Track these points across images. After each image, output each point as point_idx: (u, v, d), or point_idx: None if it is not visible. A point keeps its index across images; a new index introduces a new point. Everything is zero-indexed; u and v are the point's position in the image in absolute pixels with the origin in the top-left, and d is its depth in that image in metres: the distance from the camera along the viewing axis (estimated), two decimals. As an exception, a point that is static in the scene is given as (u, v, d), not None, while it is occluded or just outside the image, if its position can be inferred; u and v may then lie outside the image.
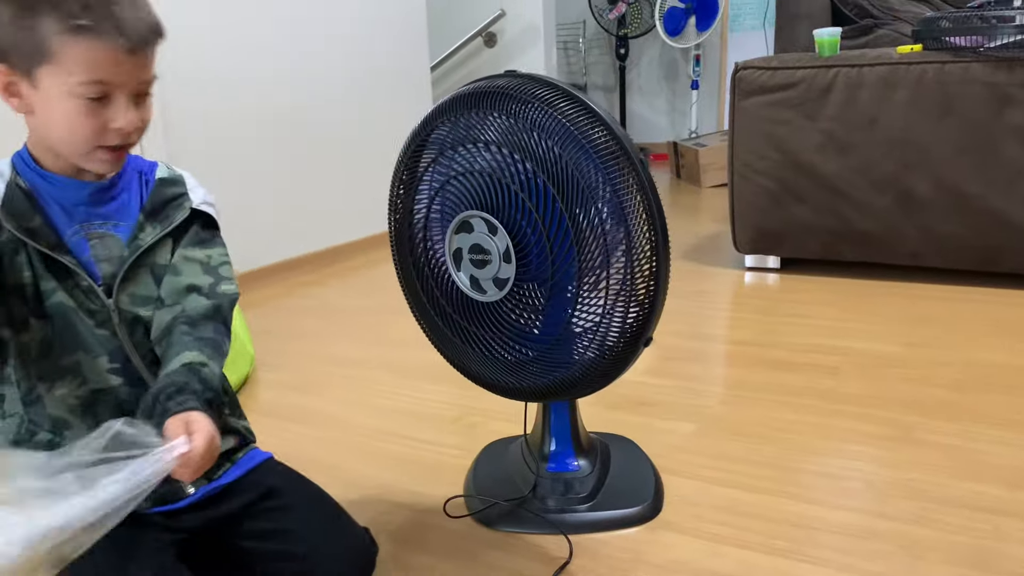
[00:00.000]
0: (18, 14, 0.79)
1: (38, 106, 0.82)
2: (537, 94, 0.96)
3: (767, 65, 2.38)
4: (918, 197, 2.22)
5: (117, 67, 0.80)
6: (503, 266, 1.01)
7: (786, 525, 1.12)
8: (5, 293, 0.85)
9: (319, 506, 1.00)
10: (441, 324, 1.13)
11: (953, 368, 1.66)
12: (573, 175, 0.95)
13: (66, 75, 0.79)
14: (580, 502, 1.15)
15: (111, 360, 0.90)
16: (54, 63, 0.79)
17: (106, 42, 0.79)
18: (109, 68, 0.80)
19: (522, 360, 1.07)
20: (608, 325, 0.99)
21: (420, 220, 1.10)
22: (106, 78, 0.80)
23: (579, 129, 0.94)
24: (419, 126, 1.09)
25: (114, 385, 0.90)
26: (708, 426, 1.45)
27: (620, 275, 0.96)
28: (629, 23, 5.08)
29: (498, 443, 1.36)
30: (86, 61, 0.79)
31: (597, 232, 0.96)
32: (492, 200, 1.01)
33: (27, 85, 0.82)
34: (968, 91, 2.11)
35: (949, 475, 1.23)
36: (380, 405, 1.61)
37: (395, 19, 3.24)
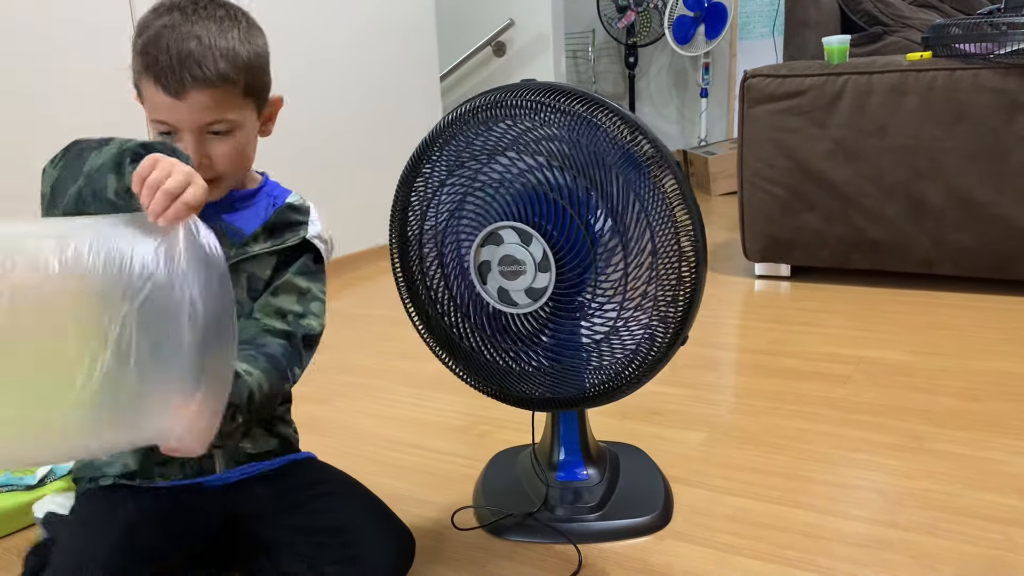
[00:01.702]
0: (136, 52, 0.91)
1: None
2: (571, 107, 0.96)
3: (776, 73, 2.38)
4: (929, 205, 2.21)
5: (168, 111, 0.88)
6: (538, 275, 1.01)
7: (797, 535, 1.11)
8: None
9: (363, 494, 1.05)
10: (468, 343, 1.12)
11: (965, 377, 1.65)
12: (620, 184, 0.96)
13: (149, 111, 0.91)
14: (589, 511, 1.15)
15: None
16: (144, 98, 0.91)
17: (157, 87, 0.87)
18: (163, 111, 0.89)
19: (553, 369, 1.07)
20: (654, 328, 1.01)
21: (435, 234, 1.09)
22: (163, 119, 0.89)
23: (622, 138, 0.95)
24: (428, 139, 1.09)
25: None
26: (718, 435, 1.44)
27: (665, 280, 0.98)
28: (638, 32, 5.09)
29: (507, 452, 1.36)
30: (150, 101, 0.90)
31: (643, 241, 0.97)
32: (524, 211, 1.01)
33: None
34: (978, 98, 2.10)
35: (962, 485, 1.22)
36: (390, 415, 1.61)
37: (404, 29, 3.25)
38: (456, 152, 1.06)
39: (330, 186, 2.93)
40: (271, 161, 3.11)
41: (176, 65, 0.86)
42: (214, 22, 0.90)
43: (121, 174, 0.74)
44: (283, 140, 2.66)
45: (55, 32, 2.02)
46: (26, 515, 1.20)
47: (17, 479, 1.23)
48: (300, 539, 1.00)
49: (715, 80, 5.01)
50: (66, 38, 2.04)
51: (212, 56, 0.88)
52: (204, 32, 0.89)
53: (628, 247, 0.98)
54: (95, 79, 2.11)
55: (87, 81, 2.09)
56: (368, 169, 3.07)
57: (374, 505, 1.03)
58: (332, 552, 0.97)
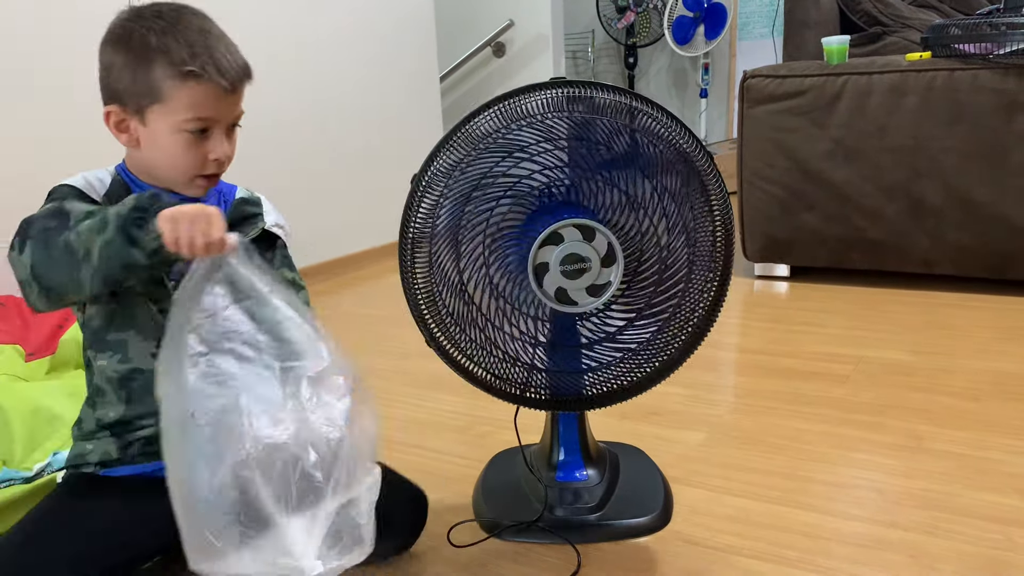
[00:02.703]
0: (133, 62, 0.91)
1: (145, 141, 0.94)
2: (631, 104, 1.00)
3: (775, 73, 2.38)
4: (928, 205, 2.21)
5: (217, 105, 0.93)
6: (602, 271, 1.00)
7: (797, 535, 1.11)
8: None
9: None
10: (513, 347, 1.10)
11: (964, 376, 1.65)
12: (679, 182, 1.00)
13: (173, 113, 0.92)
14: (589, 512, 1.15)
15: (158, 346, 0.92)
16: (163, 103, 0.91)
17: (209, 84, 0.91)
18: (211, 106, 0.93)
19: (608, 362, 1.09)
20: (695, 323, 1.08)
21: (484, 231, 1.03)
22: (207, 115, 0.93)
23: (679, 136, 0.99)
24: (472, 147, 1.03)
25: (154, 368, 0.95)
26: (718, 435, 1.44)
27: (707, 275, 1.05)
28: (638, 32, 5.09)
29: (507, 453, 1.36)
30: (192, 101, 0.91)
31: (692, 238, 1.03)
32: (580, 206, 1.02)
33: (137, 122, 0.93)
34: (978, 98, 2.11)
35: (961, 485, 1.22)
36: (391, 415, 1.61)
37: (404, 30, 3.25)
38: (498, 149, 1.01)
39: (330, 186, 2.93)
40: (271, 163, 3.12)
41: (231, 60, 0.93)
42: (199, 21, 0.95)
43: (139, 244, 0.80)
44: (283, 142, 2.67)
45: (53, 31, 2.02)
46: (26, 509, 1.20)
47: (15, 472, 1.23)
48: None
49: (715, 80, 5.01)
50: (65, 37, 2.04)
51: (238, 51, 0.96)
52: (213, 29, 0.95)
53: (692, 243, 1.04)
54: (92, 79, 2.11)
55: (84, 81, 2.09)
56: (367, 170, 3.07)
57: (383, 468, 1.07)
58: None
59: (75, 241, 0.82)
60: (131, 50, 0.92)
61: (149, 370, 0.94)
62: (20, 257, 0.85)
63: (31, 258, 0.84)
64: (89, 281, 0.83)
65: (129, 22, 0.93)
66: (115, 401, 0.99)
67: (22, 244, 0.85)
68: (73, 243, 0.82)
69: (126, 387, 0.98)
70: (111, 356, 0.98)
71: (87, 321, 0.99)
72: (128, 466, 1.00)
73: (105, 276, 0.83)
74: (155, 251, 0.80)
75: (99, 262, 0.81)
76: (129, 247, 0.80)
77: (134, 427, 0.99)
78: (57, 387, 1.45)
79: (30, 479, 1.22)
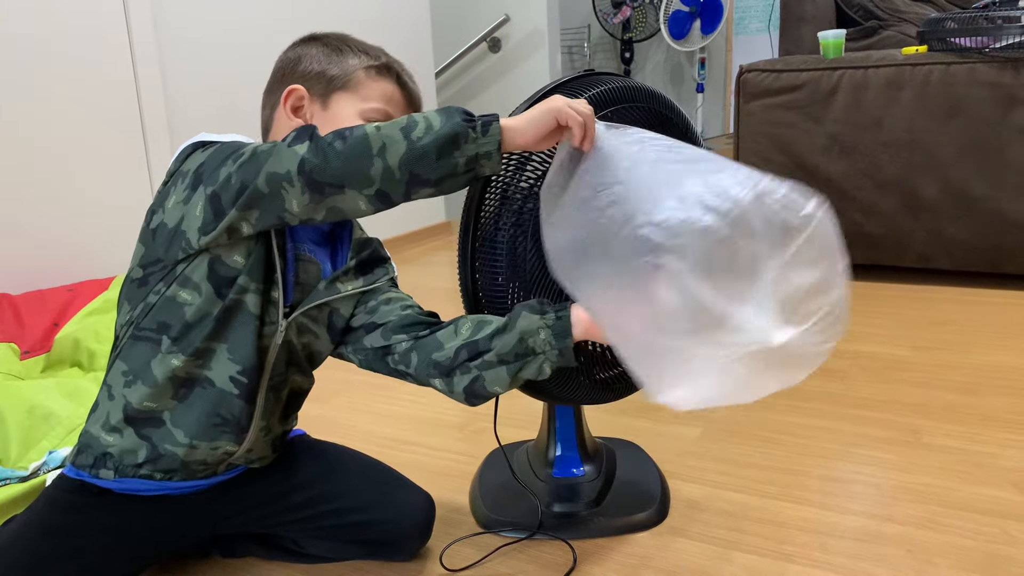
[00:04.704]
0: (329, 51, 1.00)
1: (320, 127, 0.90)
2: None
3: (772, 68, 2.38)
4: (925, 199, 2.21)
5: (397, 107, 1.01)
6: None
7: (794, 530, 1.11)
8: (231, 246, 0.89)
9: (370, 465, 1.10)
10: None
11: (962, 371, 1.65)
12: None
13: (362, 101, 0.98)
14: (586, 508, 1.15)
15: (242, 373, 0.92)
16: (353, 91, 0.98)
17: (398, 86, 1.01)
18: (395, 105, 1.01)
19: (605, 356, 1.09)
20: None
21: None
22: (391, 111, 1.00)
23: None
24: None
25: (226, 391, 0.92)
26: (715, 430, 1.44)
27: None
28: (634, 27, 5.09)
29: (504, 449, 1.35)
30: (382, 93, 1.00)
31: None
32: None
33: (318, 107, 0.99)
34: (974, 92, 2.11)
35: (958, 479, 1.22)
36: (387, 412, 1.61)
37: (399, 25, 3.24)
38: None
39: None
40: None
41: (409, 73, 1.04)
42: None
43: (469, 141, 0.81)
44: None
45: (52, 47, 2.01)
46: (22, 508, 1.19)
47: (11, 472, 1.23)
48: (310, 525, 1.04)
49: (711, 75, 5.01)
50: (63, 51, 2.03)
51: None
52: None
53: None
54: (91, 79, 2.11)
55: (80, 79, 2.09)
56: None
57: (382, 474, 1.09)
58: (352, 531, 1.03)
59: (373, 135, 0.80)
60: (327, 44, 1.00)
61: (220, 389, 0.92)
62: (288, 149, 0.81)
63: (306, 150, 0.80)
64: (380, 177, 0.80)
65: (314, 34, 1.03)
66: (164, 396, 0.92)
67: (296, 139, 0.82)
68: (372, 137, 0.80)
69: (188, 389, 0.92)
70: (191, 358, 0.91)
71: (179, 304, 0.90)
72: (146, 481, 0.96)
73: (410, 175, 0.80)
74: (486, 154, 0.82)
75: (402, 161, 0.79)
76: (454, 145, 0.80)
77: (167, 437, 0.93)
78: (52, 385, 1.45)
79: (26, 478, 1.22)
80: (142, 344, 0.91)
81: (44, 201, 2.02)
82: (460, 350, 0.92)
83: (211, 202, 0.84)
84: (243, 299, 0.90)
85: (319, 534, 1.05)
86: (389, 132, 0.80)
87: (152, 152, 2.27)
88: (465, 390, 0.94)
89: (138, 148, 2.24)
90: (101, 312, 1.82)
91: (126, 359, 0.92)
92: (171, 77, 2.31)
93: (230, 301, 0.90)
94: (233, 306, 0.90)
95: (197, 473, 0.97)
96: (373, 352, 1.00)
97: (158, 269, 0.91)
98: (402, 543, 1.06)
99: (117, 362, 0.93)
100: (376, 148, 0.79)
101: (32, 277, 1.96)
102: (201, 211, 0.85)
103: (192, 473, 0.97)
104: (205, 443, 0.93)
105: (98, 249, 2.11)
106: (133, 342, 0.92)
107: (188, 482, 0.98)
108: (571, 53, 5.39)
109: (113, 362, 0.94)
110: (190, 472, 0.97)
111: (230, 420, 0.93)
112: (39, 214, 2.01)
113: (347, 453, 1.12)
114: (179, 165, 0.90)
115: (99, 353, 1.65)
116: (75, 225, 2.09)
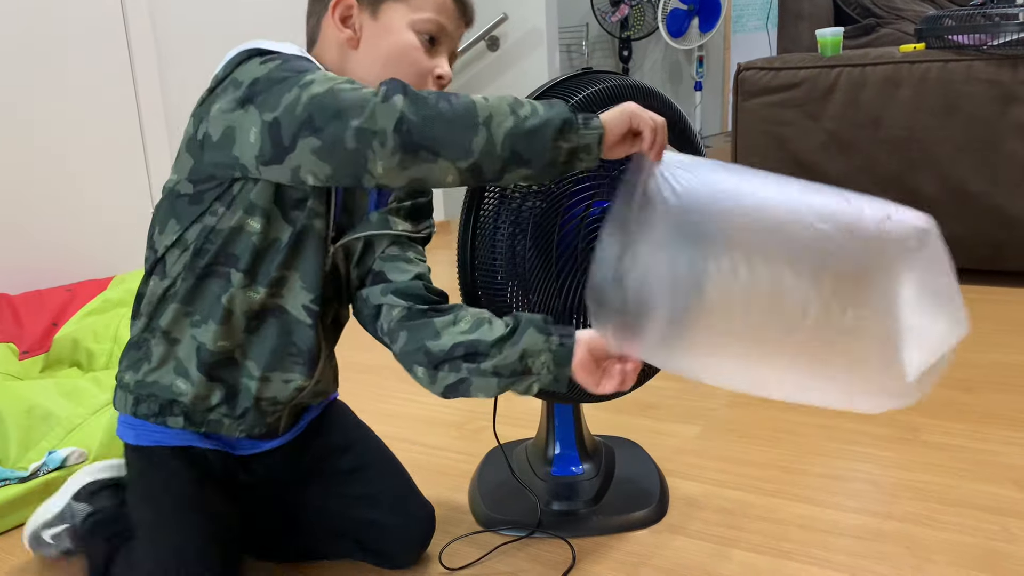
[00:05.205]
0: None
1: (368, 38, 0.92)
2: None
3: (770, 66, 2.38)
4: (923, 196, 2.21)
5: (452, 20, 0.95)
6: None
7: (793, 527, 1.11)
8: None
9: (388, 461, 1.10)
10: None
11: (960, 368, 1.65)
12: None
13: (413, 11, 0.92)
14: (585, 506, 1.15)
15: (313, 301, 0.91)
16: (404, 1, 0.92)
17: (456, 5, 0.95)
18: (449, 17, 0.94)
19: None
20: None
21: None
22: (444, 23, 0.93)
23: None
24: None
25: (300, 320, 0.91)
26: (713, 428, 1.44)
27: None
28: (632, 25, 5.08)
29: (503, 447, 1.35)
30: (437, 4, 0.93)
31: None
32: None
33: (367, 16, 0.92)
34: (972, 89, 2.11)
35: (957, 476, 1.23)
36: (385, 410, 1.61)
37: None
38: None
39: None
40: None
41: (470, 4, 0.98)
42: None
43: (574, 131, 0.77)
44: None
45: (51, 48, 2.01)
46: (22, 509, 1.19)
47: (10, 472, 1.23)
48: (326, 512, 1.04)
49: (709, 73, 5.01)
50: (62, 51, 2.03)
51: None
52: None
53: None
54: (89, 80, 2.10)
55: (78, 79, 2.08)
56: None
57: (403, 483, 1.08)
58: (359, 527, 1.03)
59: (481, 105, 0.75)
60: None
61: (294, 318, 0.90)
62: (384, 104, 0.74)
63: (406, 106, 0.73)
64: (480, 151, 0.74)
65: None
66: (237, 332, 0.89)
67: (390, 93, 0.75)
68: (479, 106, 0.75)
69: (261, 321, 0.90)
70: (269, 289, 0.89)
71: (247, 234, 0.86)
72: (209, 438, 0.95)
73: (511, 153, 0.75)
74: (586, 147, 0.78)
75: (507, 136, 0.75)
76: (561, 132, 0.76)
77: (242, 372, 0.92)
78: (51, 386, 1.44)
79: (25, 479, 1.22)
80: (208, 281, 0.88)
81: (43, 201, 2.02)
82: (457, 347, 0.89)
83: (270, 131, 0.77)
84: (313, 223, 0.88)
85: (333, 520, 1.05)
86: (497, 105, 0.76)
87: (150, 152, 2.27)
88: (447, 387, 0.91)
89: (136, 148, 2.24)
90: (100, 312, 1.82)
91: (188, 300, 0.88)
92: (169, 77, 2.31)
93: (301, 226, 0.87)
94: (304, 231, 0.87)
95: (267, 416, 0.96)
96: (365, 306, 0.97)
97: (212, 186, 0.86)
98: (398, 554, 1.05)
99: (172, 305, 0.89)
100: (483, 117, 0.75)
101: (31, 277, 1.96)
102: (257, 138, 0.78)
103: (262, 416, 0.95)
104: (279, 374, 0.92)
105: (97, 249, 2.11)
106: (195, 280, 0.88)
107: (251, 440, 0.98)
108: (569, 51, 5.38)
109: (160, 299, 0.89)
110: (260, 415, 0.95)
111: (304, 350, 0.92)
112: (38, 214, 2.01)
113: (382, 445, 1.13)
114: (230, 70, 0.83)
115: (98, 353, 1.65)
116: (74, 225, 2.09)
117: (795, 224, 0.75)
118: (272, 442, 1.01)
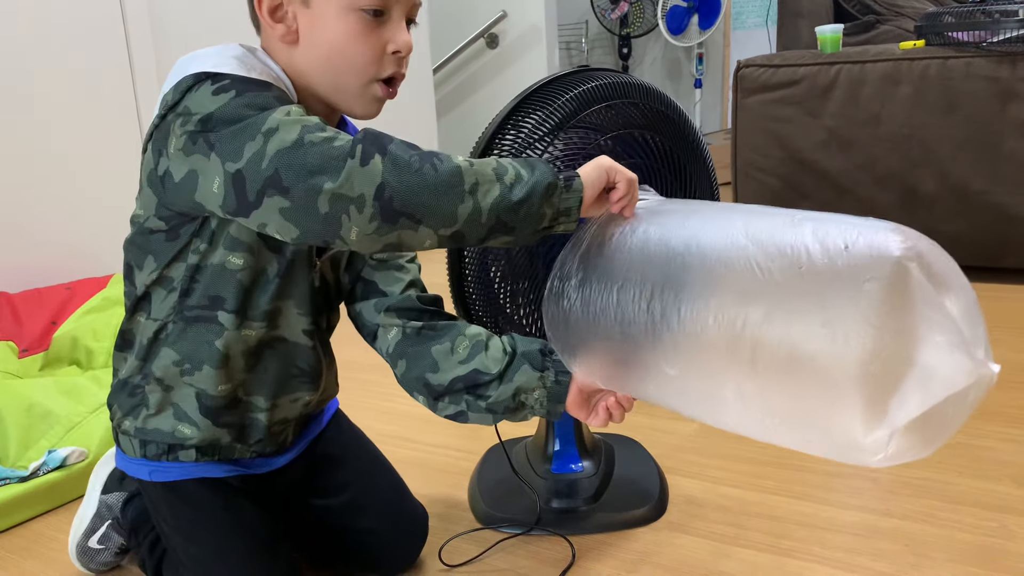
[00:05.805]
0: None
1: (307, 31, 0.79)
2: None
3: (769, 63, 2.38)
4: (922, 193, 2.21)
5: None
6: None
7: (792, 524, 1.11)
8: None
9: (386, 483, 1.08)
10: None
11: (959, 365, 1.65)
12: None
13: None
14: (584, 503, 1.15)
15: (311, 323, 0.90)
16: None
17: None
18: None
19: None
20: None
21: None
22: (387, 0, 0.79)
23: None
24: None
25: (301, 344, 0.90)
26: (712, 426, 1.44)
27: None
28: (631, 23, 5.08)
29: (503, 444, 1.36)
30: None
31: None
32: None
33: (298, 4, 0.79)
34: (972, 86, 2.10)
35: (955, 473, 1.23)
36: (385, 408, 1.61)
37: (397, 22, 3.24)
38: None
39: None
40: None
41: None
42: None
43: (557, 196, 0.73)
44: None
45: (51, 48, 2.00)
46: (22, 509, 1.20)
47: (10, 471, 1.23)
48: (322, 526, 1.04)
49: (709, 70, 5.00)
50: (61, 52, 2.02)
51: None
52: None
53: None
54: (89, 79, 2.10)
55: (78, 79, 2.08)
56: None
57: (393, 482, 1.08)
58: (350, 536, 1.03)
59: (467, 170, 0.69)
60: None
61: (295, 344, 0.90)
62: (363, 168, 0.67)
63: (387, 171, 0.67)
64: (464, 219, 0.69)
65: None
66: (236, 372, 0.87)
67: (368, 153, 0.68)
68: (464, 171, 0.69)
69: (258, 357, 0.88)
70: (264, 324, 0.86)
71: (230, 272, 0.82)
72: (247, 460, 0.93)
73: (496, 221, 0.70)
74: (567, 210, 0.73)
75: (493, 207, 0.70)
76: (547, 197, 0.72)
77: (247, 407, 0.90)
78: (51, 384, 1.45)
79: (26, 478, 1.22)
80: (198, 326, 0.84)
81: (42, 200, 2.02)
82: (456, 381, 0.89)
83: (234, 183, 0.70)
84: (301, 248, 0.85)
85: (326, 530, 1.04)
86: (482, 171, 0.70)
87: (149, 150, 2.26)
88: (447, 416, 0.93)
89: (135, 147, 2.24)
90: (99, 310, 1.82)
91: (180, 347, 0.84)
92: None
93: (291, 254, 0.84)
94: (294, 259, 0.85)
95: (277, 436, 0.95)
96: (362, 324, 0.98)
97: (186, 221, 0.80)
98: (390, 564, 1.05)
99: (164, 350, 0.85)
100: (469, 185, 0.69)
101: (30, 276, 1.96)
102: (220, 188, 0.71)
103: (273, 437, 0.94)
104: (286, 398, 0.91)
105: (96, 248, 2.11)
106: (185, 324, 0.84)
107: (264, 458, 0.96)
108: (569, 49, 5.38)
109: (151, 341, 0.85)
110: (272, 436, 0.93)
111: (307, 370, 0.92)
112: (37, 213, 2.01)
113: (376, 451, 1.13)
114: (179, 97, 0.76)
115: (97, 351, 1.65)
116: (73, 224, 2.09)
117: (737, 264, 0.70)
118: (284, 457, 0.99)
